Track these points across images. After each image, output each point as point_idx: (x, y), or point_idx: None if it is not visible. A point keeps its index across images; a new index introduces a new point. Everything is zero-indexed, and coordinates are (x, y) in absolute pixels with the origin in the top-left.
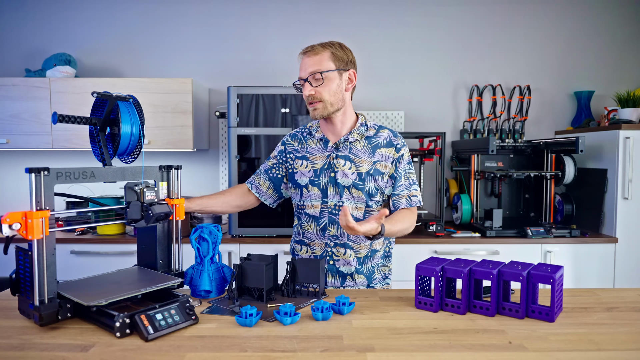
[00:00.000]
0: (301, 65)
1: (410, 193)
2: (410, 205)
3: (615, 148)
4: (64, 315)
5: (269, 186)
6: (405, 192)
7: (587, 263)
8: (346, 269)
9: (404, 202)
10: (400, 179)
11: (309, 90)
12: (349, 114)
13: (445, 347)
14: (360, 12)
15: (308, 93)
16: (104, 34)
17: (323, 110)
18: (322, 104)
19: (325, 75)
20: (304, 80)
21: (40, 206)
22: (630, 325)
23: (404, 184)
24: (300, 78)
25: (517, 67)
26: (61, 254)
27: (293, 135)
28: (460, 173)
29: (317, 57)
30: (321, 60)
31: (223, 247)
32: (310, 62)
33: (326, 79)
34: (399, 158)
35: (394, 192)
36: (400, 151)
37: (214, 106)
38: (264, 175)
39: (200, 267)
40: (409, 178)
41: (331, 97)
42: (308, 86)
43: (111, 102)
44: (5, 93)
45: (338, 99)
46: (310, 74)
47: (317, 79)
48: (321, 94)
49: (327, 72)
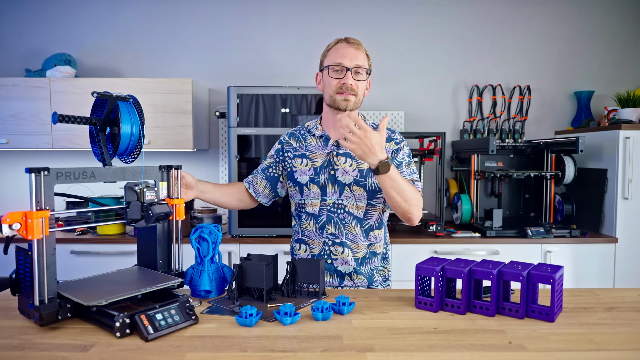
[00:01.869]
0: (344, 52)
1: (413, 178)
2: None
3: (615, 148)
4: (64, 315)
5: (265, 185)
6: (408, 177)
7: (587, 263)
8: (344, 268)
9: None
10: (402, 166)
11: (351, 80)
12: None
13: (445, 347)
14: (360, 12)
15: (351, 82)
16: (104, 34)
17: (354, 103)
18: (355, 97)
19: (365, 73)
20: (347, 69)
21: (40, 206)
22: (630, 325)
23: (405, 171)
24: (342, 65)
25: (517, 67)
26: (61, 254)
27: (291, 134)
28: (460, 173)
29: (361, 54)
30: (364, 58)
31: (223, 247)
32: (357, 55)
33: (365, 77)
34: (398, 150)
35: None
36: (399, 144)
37: (214, 106)
38: (261, 174)
39: (200, 267)
40: (410, 167)
41: (362, 95)
42: (350, 76)
43: (111, 102)
44: (5, 93)
45: (361, 100)
46: (357, 66)
47: (359, 72)
48: (358, 89)
49: (367, 71)
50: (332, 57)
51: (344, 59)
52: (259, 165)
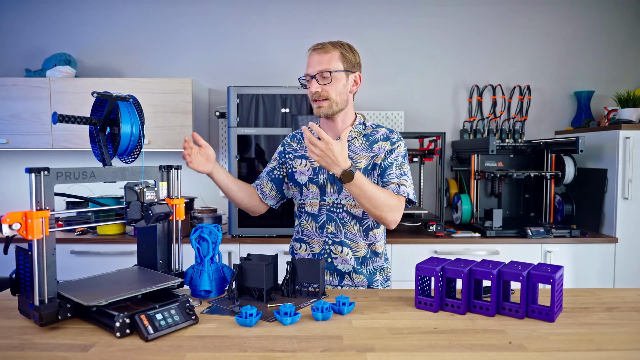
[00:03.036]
0: (310, 62)
1: (400, 181)
2: (398, 192)
3: (615, 148)
4: (64, 315)
5: (271, 188)
6: (395, 180)
7: (587, 263)
8: (344, 267)
9: (392, 188)
10: (391, 168)
11: (315, 87)
12: (350, 114)
13: (445, 347)
14: (360, 12)
15: (315, 90)
16: (104, 34)
17: (328, 108)
18: (327, 102)
19: (334, 75)
20: (311, 77)
21: (40, 206)
22: (630, 325)
23: (394, 172)
24: (308, 74)
25: (517, 67)
26: (61, 254)
27: (292, 136)
28: (460, 173)
29: (327, 56)
30: (331, 60)
31: (223, 247)
32: (320, 60)
33: (334, 79)
34: (392, 150)
35: (383, 179)
36: (395, 144)
37: (214, 106)
38: (267, 177)
39: (200, 267)
40: (400, 169)
41: (337, 97)
42: (315, 83)
43: (111, 102)
44: (5, 93)
45: (343, 99)
46: (319, 71)
47: (325, 77)
48: (328, 93)
49: (336, 72)
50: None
51: (309, 68)
52: (265, 168)
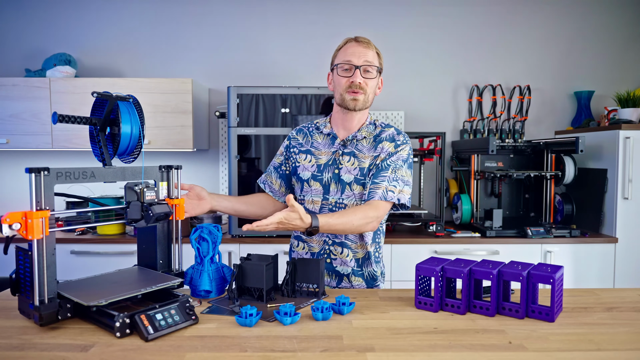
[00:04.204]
0: (354, 51)
1: (389, 187)
2: (384, 198)
3: (615, 148)
4: (64, 315)
5: (280, 184)
6: (384, 184)
7: (587, 263)
8: (342, 269)
9: (379, 193)
10: (387, 170)
11: (360, 78)
12: (366, 113)
13: (445, 347)
14: (360, 12)
15: (359, 81)
16: (104, 34)
17: (363, 102)
18: (364, 96)
19: (376, 72)
20: (355, 67)
21: (40, 206)
22: (630, 325)
23: (388, 176)
24: (350, 63)
25: (517, 67)
26: (61, 254)
27: (299, 130)
28: (460, 173)
29: (371, 52)
30: (374, 56)
31: (223, 247)
32: (366, 53)
33: (374, 75)
34: (394, 153)
35: (374, 181)
36: (399, 147)
37: (214, 106)
38: (275, 173)
39: (200, 267)
40: (395, 172)
41: (371, 94)
42: (359, 74)
43: (111, 102)
44: (5, 93)
45: (372, 98)
46: (366, 63)
47: (369, 71)
48: (367, 87)
49: (377, 69)
50: (342, 56)
51: (353, 57)
52: (270, 164)
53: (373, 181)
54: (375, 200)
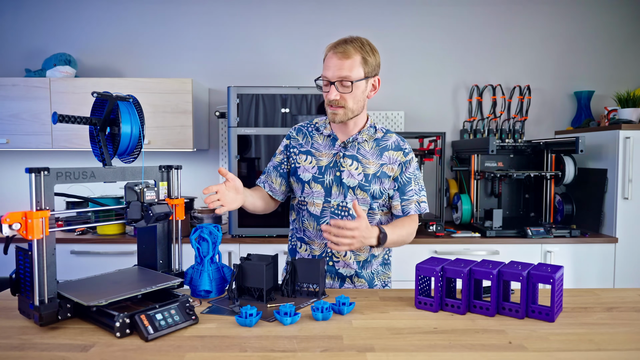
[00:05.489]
0: (329, 64)
1: (420, 199)
2: (419, 211)
3: (615, 148)
4: (64, 315)
5: (280, 182)
6: (415, 197)
7: (587, 263)
8: (345, 271)
9: (413, 207)
10: (411, 184)
11: (334, 95)
12: (362, 117)
13: (445, 347)
14: (360, 12)
15: (333, 97)
16: (104, 34)
17: (343, 116)
18: (343, 110)
19: (354, 84)
20: (329, 82)
21: (40, 206)
22: (630, 325)
23: (414, 189)
24: (326, 78)
25: (517, 67)
26: (61, 254)
27: (298, 130)
28: (460, 173)
29: (349, 62)
30: (352, 66)
31: (223, 247)
32: (341, 66)
33: (354, 87)
34: (407, 162)
35: (404, 197)
36: (408, 156)
37: (214, 106)
38: (275, 172)
39: (200, 267)
40: (418, 183)
41: (354, 105)
42: (334, 90)
43: (111, 102)
44: (5, 93)
45: (359, 106)
46: (339, 78)
47: (345, 85)
48: (346, 101)
49: (357, 82)
50: (323, 68)
51: (327, 71)
52: (269, 164)
53: (402, 197)
54: (412, 215)
